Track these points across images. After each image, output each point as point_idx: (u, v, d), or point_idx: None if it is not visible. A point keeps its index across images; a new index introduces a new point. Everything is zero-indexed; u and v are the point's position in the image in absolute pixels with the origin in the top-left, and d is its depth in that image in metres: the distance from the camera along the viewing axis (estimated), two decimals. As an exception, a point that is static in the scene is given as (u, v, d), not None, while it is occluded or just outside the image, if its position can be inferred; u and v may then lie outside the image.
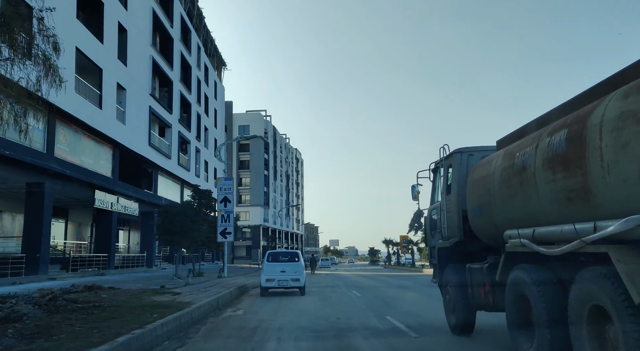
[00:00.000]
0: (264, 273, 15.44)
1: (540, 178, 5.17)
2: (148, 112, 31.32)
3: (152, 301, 10.12)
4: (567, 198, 4.72)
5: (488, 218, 6.70)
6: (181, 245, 21.89)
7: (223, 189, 24.88)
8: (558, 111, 5.40)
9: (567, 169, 4.66)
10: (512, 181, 5.86)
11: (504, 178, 6.08)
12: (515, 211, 5.89)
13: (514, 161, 5.81)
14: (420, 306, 11.60)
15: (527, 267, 5.49)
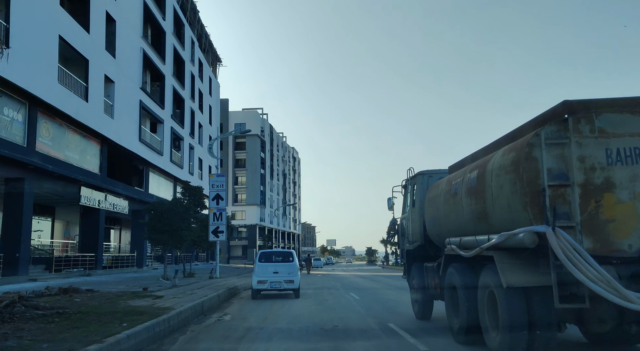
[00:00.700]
0: (256, 274, 14.38)
1: (464, 202, 7.17)
2: (138, 107, 30.21)
3: (127, 307, 9.06)
4: (477, 218, 6.79)
5: (437, 228, 8.65)
6: (170, 244, 20.80)
7: (215, 186, 23.78)
8: (482, 152, 7.28)
9: (476, 198, 6.74)
10: (449, 202, 7.82)
11: (445, 199, 8.04)
12: (451, 224, 7.84)
13: (451, 188, 7.79)
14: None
15: (456, 265, 7.35)
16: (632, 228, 5.31)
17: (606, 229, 5.35)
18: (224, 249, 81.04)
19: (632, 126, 5.51)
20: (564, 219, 5.38)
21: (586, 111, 5.60)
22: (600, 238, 5.35)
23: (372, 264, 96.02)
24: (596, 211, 5.37)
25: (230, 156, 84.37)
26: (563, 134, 5.56)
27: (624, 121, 5.54)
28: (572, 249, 5.10)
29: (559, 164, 5.49)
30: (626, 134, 5.48)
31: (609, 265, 5.31)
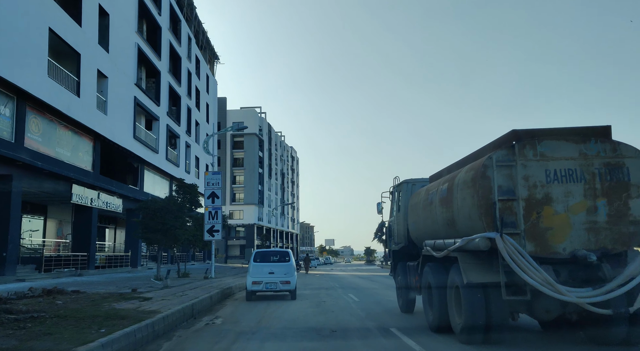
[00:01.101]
0: (250, 275, 13.77)
1: (437, 210, 8.27)
2: (133, 103, 29.57)
3: (110, 310, 8.44)
4: (447, 224, 7.88)
5: (417, 232, 9.80)
6: (164, 244, 20.19)
7: (211, 184, 23.14)
8: (455, 166, 8.40)
9: (446, 207, 7.84)
10: (427, 209, 8.91)
11: (424, 206, 9.16)
12: (428, 229, 8.96)
13: (428, 196, 8.89)
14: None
15: (431, 264, 8.43)
16: (566, 235, 6.47)
17: (545, 236, 6.49)
18: (222, 248, 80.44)
19: (567, 151, 6.67)
20: (510, 227, 6.49)
21: (530, 138, 6.75)
22: (540, 242, 6.48)
23: (370, 264, 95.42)
24: (537, 221, 6.52)
25: (228, 155, 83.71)
26: (511, 157, 6.70)
27: (560, 147, 6.69)
28: (517, 252, 6.23)
29: (508, 182, 6.64)
30: (562, 157, 6.65)
31: (548, 265, 6.44)
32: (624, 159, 6.63)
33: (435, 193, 8.48)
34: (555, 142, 6.72)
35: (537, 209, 6.52)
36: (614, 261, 6.56)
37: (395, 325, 8.76)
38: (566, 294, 6.13)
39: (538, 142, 6.71)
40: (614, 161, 6.63)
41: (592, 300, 6.11)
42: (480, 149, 7.64)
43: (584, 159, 6.65)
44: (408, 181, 11.27)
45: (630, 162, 6.61)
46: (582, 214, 6.51)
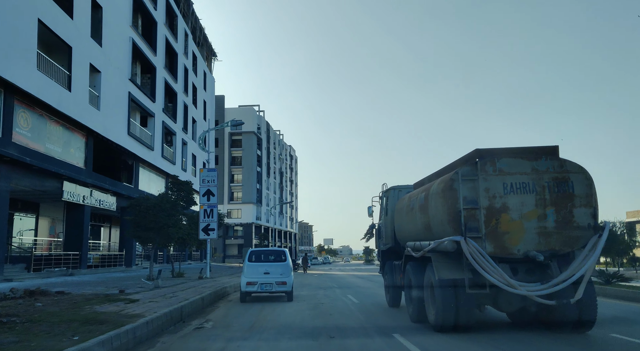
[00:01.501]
0: (245, 275, 13.13)
1: (417, 215, 9.34)
2: (127, 99, 28.92)
3: (90, 313, 7.82)
4: (424, 228, 8.98)
5: (402, 234, 10.87)
6: (156, 242, 19.56)
7: (206, 181, 22.53)
8: (434, 176, 9.46)
9: (424, 213, 8.97)
10: (409, 214, 9.94)
11: (407, 211, 10.20)
12: (410, 231, 10.01)
13: (410, 203, 9.95)
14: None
15: (412, 263, 9.49)
16: (521, 238, 7.50)
17: (503, 239, 7.52)
18: (220, 248, 79.79)
19: (521, 167, 7.72)
20: (473, 231, 7.53)
21: (491, 156, 7.80)
22: (498, 245, 7.52)
23: (369, 263, 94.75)
24: (496, 226, 7.55)
25: (226, 153, 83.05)
26: (474, 172, 7.72)
27: (515, 163, 7.73)
28: (478, 252, 7.31)
29: (471, 193, 7.66)
30: (517, 172, 7.70)
31: (506, 264, 7.56)
32: (569, 174, 7.77)
33: (416, 199, 9.69)
34: (512, 159, 7.80)
35: (496, 216, 7.62)
36: (562, 260, 7.74)
37: (398, 330, 8.15)
38: (518, 288, 7.29)
39: (497, 159, 7.79)
40: (561, 176, 7.75)
41: (539, 292, 7.29)
42: (450, 163, 8.91)
43: (536, 174, 7.74)
44: (395, 187, 12.68)
45: (574, 177, 7.75)
46: (534, 220, 7.59)
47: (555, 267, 7.61)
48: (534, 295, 7.27)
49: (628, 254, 48.21)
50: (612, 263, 61.32)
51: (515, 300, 7.85)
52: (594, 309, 7.71)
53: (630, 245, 47.21)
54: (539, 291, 7.27)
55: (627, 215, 68.12)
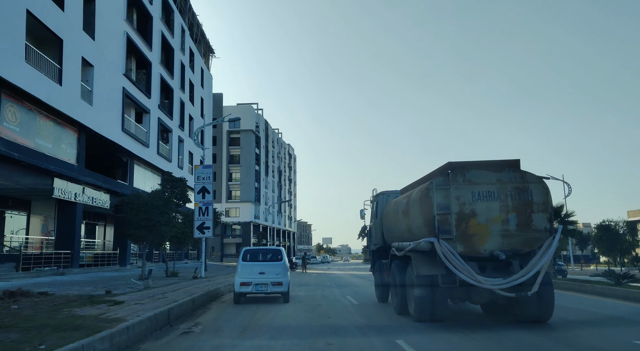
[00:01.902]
0: (239, 275, 12.50)
1: (401, 218, 10.52)
2: (121, 94, 28.27)
3: (67, 317, 7.20)
4: (406, 230, 10.19)
5: (389, 235, 12.01)
6: (149, 241, 18.93)
7: (201, 178, 21.90)
8: (417, 183, 10.57)
9: (406, 216, 10.12)
10: (395, 217, 11.11)
11: (393, 215, 11.38)
12: (395, 233, 11.20)
13: (396, 207, 11.12)
14: (438, 323, 8.72)
15: (396, 262, 10.68)
16: (487, 240, 8.51)
17: (471, 240, 8.51)
18: (217, 247, 79.13)
19: (487, 178, 8.71)
20: (446, 234, 8.52)
21: (461, 168, 8.76)
22: (467, 245, 8.51)
23: (368, 262, 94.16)
24: (465, 229, 8.52)
25: (224, 151, 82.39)
26: (447, 182, 8.69)
27: (482, 175, 8.72)
28: (449, 252, 8.31)
29: (444, 200, 8.64)
30: (484, 182, 8.69)
31: (474, 262, 8.49)
32: (529, 184, 8.82)
33: (400, 205, 10.84)
34: (479, 171, 8.82)
35: (466, 220, 8.63)
36: (523, 258, 8.74)
37: (402, 335, 7.53)
38: (483, 282, 8.30)
39: (466, 171, 8.79)
40: (522, 186, 8.79)
41: (501, 286, 8.30)
42: (427, 174, 9.94)
43: (500, 184, 8.78)
44: (384, 192, 13.74)
45: (533, 187, 8.81)
46: (498, 224, 8.63)
47: (516, 264, 8.67)
48: (497, 289, 8.35)
49: (630, 253, 47.81)
50: (613, 262, 60.97)
51: (484, 294, 8.80)
52: (551, 301, 8.79)
53: (633, 244, 46.82)
54: (501, 285, 8.32)
55: (629, 214, 67.64)
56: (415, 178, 11.78)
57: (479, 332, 8.03)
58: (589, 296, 14.53)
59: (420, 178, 10.51)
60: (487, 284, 8.29)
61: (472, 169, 8.82)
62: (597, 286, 15.23)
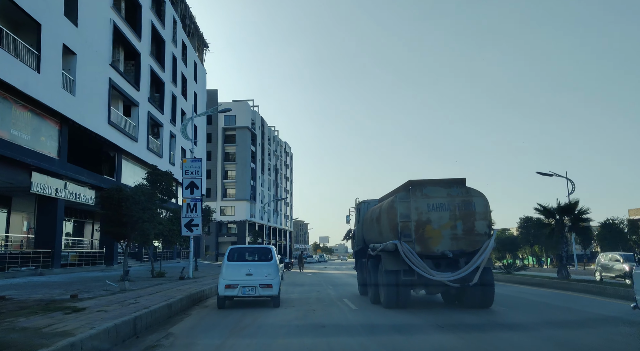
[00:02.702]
0: (223, 277, 11.21)
1: (375, 224, 12.71)
2: (108, 85, 26.93)
3: (3, 331, 5.89)
4: (379, 234, 12.14)
5: (368, 238, 14.05)
6: (131, 239, 17.62)
7: (189, 173, 20.55)
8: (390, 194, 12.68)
9: (379, 223, 12.15)
10: (371, 223, 13.28)
11: (370, 221, 13.59)
12: (372, 236, 13.30)
13: (373, 214, 13.33)
14: (448, 331, 7.51)
15: (371, 260, 12.79)
16: (439, 242, 10.75)
17: (427, 242, 10.80)
18: (212, 246, 77.76)
19: (439, 193, 10.98)
20: (407, 237, 10.80)
21: (419, 185, 11.15)
22: (424, 246, 10.79)
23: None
24: (422, 233, 10.80)
25: (219, 148, 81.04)
26: (408, 196, 11.01)
27: (436, 190, 11.02)
28: (409, 251, 10.56)
29: (406, 210, 10.91)
30: (437, 196, 10.96)
31: (430, 259, 10.75)
32: (472, 198, 10.86)
33: (375, 212, 12.99)
34: (433, 187, 10.97)
35: (422, 226, 10.72)
36: (469, 256, 10.60)
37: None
38: (435, 276, 10.35)
39: (423, 187, 10.96)
40: (466, 199, 10.83)
41: (449, 278, 10.34)
42: (394, 189, 12.35)
43: (450, 197, 10.83)
44: (365, 201, 16.10)
45: (476, 200, 10.85)
46: (448, 229, 10.67)
47: (462, 261, 10.66)
48: (446, 281, 10.42)
49: (634, 251, 46.67)
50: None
51: (438, 285, 10.91)
52: (491, 291, 10.94)
53: (638, 243, 45.72)
54: (449, 278, 10.40)
55: (630, 213, 66.60)
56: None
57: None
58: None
59: (389, 192, 12.85)
60: (438, 277, 10.46)
61: (428, 186, 11.10)
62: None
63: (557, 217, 18.32)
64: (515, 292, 16.15)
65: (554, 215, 18.45)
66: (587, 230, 20.20)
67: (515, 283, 19.64)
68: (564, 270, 18.16)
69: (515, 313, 10.44)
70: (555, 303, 12.60)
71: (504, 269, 22.88)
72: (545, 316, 10.08)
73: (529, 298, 13.92)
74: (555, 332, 7.95)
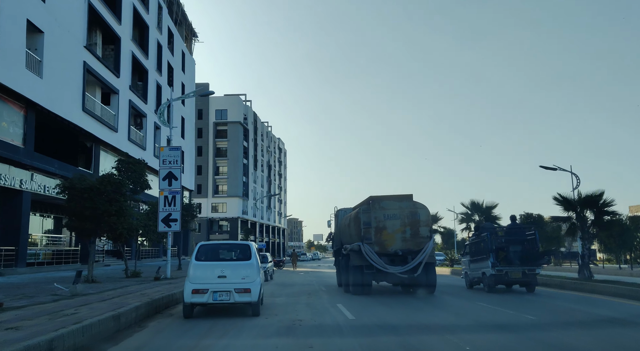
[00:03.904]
0: (190, 280, 9.19)
1: (346, 229, 16.68)
2: (82, 69, 24.82)
3: None
4: (349, 236, 16.04)
5: (343, 240, 17.08)
6: (98, 235, 15.59)
7: (167, 162, 18.47)
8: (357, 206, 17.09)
9: (349, 228, 16.13)
10: (345, 228, 17.04)
11: (344, 226, 17.47)
12: (345, 239, 16.69)
13: (346, 221, 17.08)
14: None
15: (344, 258, 16.11)
16: (392, 243, 14.14)
17: (384, 244, 14.15)
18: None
19: (393, 205, 14.45)
20: (368, 240, 14.15)
21: (378, 200, 14.72)
22: (381, 247, 14.13)
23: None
24: (380, 237, 14.16)
25: (210, 144, 78.82)
26: (369, 208, 14.43)
27: (390, 204, 14.51)
28: (370, 251, 13.87)
29: (367, 219, 14.32)
30: (391, 208, 14.41)
31: (386, 257, 13.99)
32: (417, 209, 14.61)
33: (347, 219, 16.92)
34: (388, 201, 14.73)
35: (380, 231, 14.34)
36: (415, 254, 14.14)
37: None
38: (389, 269, 13.91)
39: (381, 202, 14.74)
40: (413, 210, 14.57)
41: (399, 271, 13.92)
42: (361, 202, 16.43)
43: (400, 209, 14.52)
44: (342, 209, 20.24)
45: (420, 211, 14.60)
46: (400, 234, 14.35)
47: (410, 258, 14.04)
48: (397, 273, 13.88)
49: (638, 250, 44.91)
50: (615, 259, 58.29)
51: (393, 277, 14.22)
52: (434, 281, 14.55)
53: (643, 240, 43.88)
54: (400, 270, 13.87)
55: (631, 210, 65.11)
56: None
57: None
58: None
59: (357, 204, 16.95)
60: (391, 270, 13.78)
61: (384, 200, 14.66)
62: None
63: (578, 210, 16.28)
64: (535, 297, 14.26)
65: (575, 207, 16.41)
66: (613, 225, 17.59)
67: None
68: (587, 270, 16.25)
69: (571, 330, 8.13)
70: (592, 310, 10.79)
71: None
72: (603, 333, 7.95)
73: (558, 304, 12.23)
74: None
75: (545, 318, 9.26)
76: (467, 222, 25.35)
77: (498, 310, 10.65)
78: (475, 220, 25.32)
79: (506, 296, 14.24)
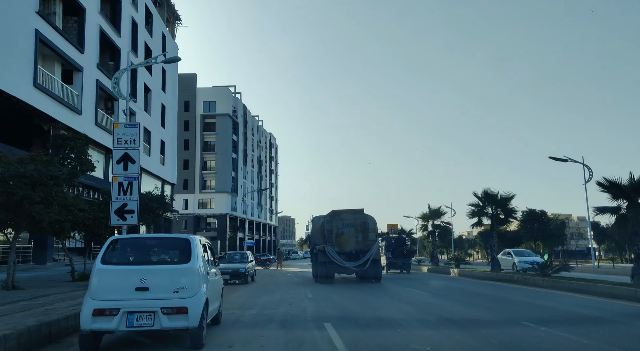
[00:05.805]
0: (92, 295, 5.92)
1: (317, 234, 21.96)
2: (34, 38, 21.42)
3: None
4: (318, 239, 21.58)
5: (316, 242, 22.02)
6: (21, 228, 12.29)
7: (122, 142, 15.03)
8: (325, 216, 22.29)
9: (318, 233, 21.53)
10: (316, 232, 22.34)
11: (315, 231, 23.12)
12: (317, 241, 21.70)
13: (317, 227, 22.55)
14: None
15: (315, 255, 22.40)
16: (348, 245, 20.19)
17: (342, 245, 20.19)
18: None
19: (349, 216, 20.80)
20: (330, 242, 20.15)
21: (338, 212, 21.02)
22: (340, 247, 20.13)
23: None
24: (339, 240, 20.26)
25: (197, 137, 75.19)
26: (331, 219, 20.76)
27: (347, 215, 20.82)
28: (331, 251, 19.89)
29: (330, 227, 20.49)
30: (347, 219, 20.69)
31: (344, 255, 20.05)
32: (367, 219, 20.59)
33: (317, 225, 22.37)
34: (346, 214, 20.72)
35: (339, 236, 20.13)
36: (364, 253, 19.82)
37: None
38: (345, 264, 19.65)
39: (340, 214, 20.71)
40: (364, 220, 20.51)
41: (353, 265, 19.76)
42: (327, 214, 21.75)
43: (354, 219, 20.48)
44: (317, 217, 26.27)
45: (369, 220, 20.59)
46: (354, 238, 20.15)
47: (362, 256, 19.72)
48: (352, 267, 19.78)
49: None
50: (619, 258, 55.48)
51: (349, 270, 20.25)
52: (379, 273, 20.69)
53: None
54: (353, 265, 19.59)
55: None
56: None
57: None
58: None
59: (326, 214, 21.86)
60: (347, 264, 19.67)
61: (342, 213, 20.73)
62: None
63: (631, 197, 12.92)
64: (589, 309, 11.10)
65: (627, 195, 12.98)
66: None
67: (562, 290, 14.56)
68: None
69: None
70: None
71: (537, 271, 17.42)
72: None
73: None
74: None
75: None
76: (478, 216, 22.12)
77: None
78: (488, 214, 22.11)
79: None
